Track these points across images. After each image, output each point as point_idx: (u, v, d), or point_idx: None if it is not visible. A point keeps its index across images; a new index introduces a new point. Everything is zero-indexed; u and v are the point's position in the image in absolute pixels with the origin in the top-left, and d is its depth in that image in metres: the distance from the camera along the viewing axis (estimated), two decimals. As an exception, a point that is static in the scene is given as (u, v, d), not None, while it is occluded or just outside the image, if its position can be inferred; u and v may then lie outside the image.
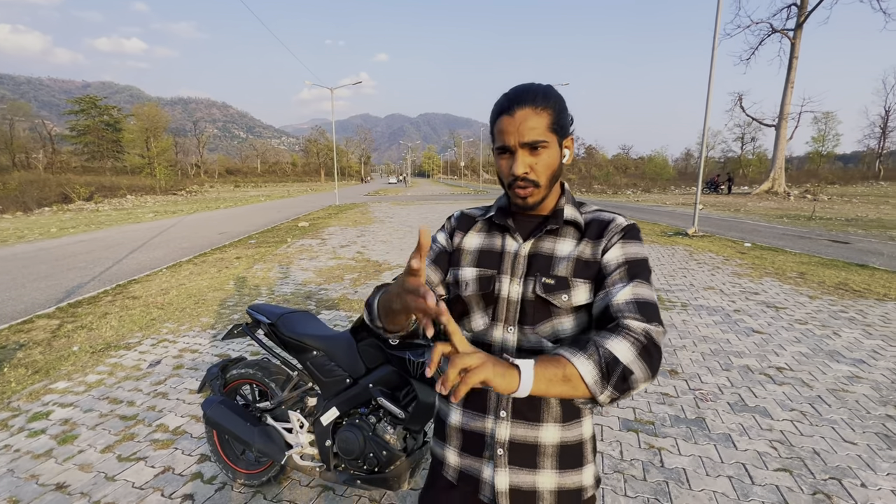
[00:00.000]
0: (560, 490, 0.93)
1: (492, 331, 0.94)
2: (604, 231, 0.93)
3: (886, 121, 50.57)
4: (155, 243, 10.54)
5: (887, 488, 2.15)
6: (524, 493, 0.92)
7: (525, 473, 0.92)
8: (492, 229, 1.02)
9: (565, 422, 0.93)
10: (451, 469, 1.00)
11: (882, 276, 6.49)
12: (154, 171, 49.65)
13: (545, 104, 0.87)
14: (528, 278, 0.93)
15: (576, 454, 0.94)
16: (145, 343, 4.12)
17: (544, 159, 0.88)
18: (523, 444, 0.93)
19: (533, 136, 0.86)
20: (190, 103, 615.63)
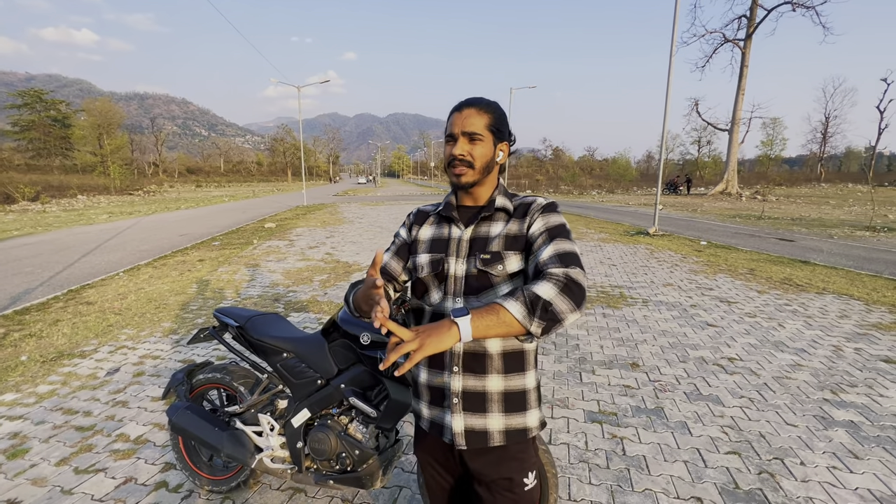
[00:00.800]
0: (507, 430, 1.13)
1: (444, 303, 1.15)
2: (527, 210, 1.15)
3: (826, 127, 54.36)
4: (110, 246, 10.02)
5: (823, 465, 2.35)
6: (477, 433, 1.12)
7: (476, 417, 1.13)
8: (441, 221, 1.24)
9: (507, 373, 1.13)
10: (425, 420, 1.23)
11: (822, 271, 7.00)
12: (108, 169, 46.99)
13: (486, 110, 1.12)
14: (469, 258, 1.14)
15: (519, 400, 1.14)
16: (102, 350, 3.94)
17: (479, 149, 1.12)
18: (473, 393, 1.12)
19: (472, 129, 1.11)
20: (147, 99, 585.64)
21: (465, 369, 1.12)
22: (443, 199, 1.27)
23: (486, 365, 1.12)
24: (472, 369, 1.12)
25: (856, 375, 3.40)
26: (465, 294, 1.13)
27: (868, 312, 4.93)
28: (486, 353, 1.12)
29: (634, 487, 2.19)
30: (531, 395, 1.16)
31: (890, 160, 71.52)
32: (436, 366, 1.17)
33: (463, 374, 1.12)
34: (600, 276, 6.78)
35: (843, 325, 4.51)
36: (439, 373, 1.16)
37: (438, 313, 1.16)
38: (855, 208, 19.16)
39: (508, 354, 1.13)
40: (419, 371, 1.22)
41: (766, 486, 2.20)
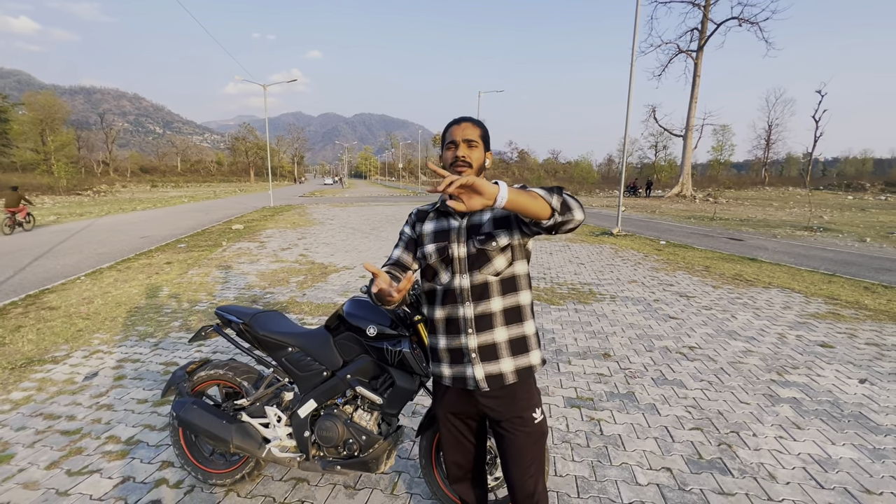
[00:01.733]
0: (517, 369, 1.42)
1: (453, 281, 1.42)
2: None
3: (769, 134, 58.39)
4: (63, 249, 9.50)
5: (771, 436, 2.67)
6: (494, 376, 1.41)
7: (492, 364, 1.41)
8: (440, 216, 1.50)
9: (508, 324, 1.42)
10: (447, 378, 1.48)
11: (767, 268, 7.65)
12: (52, 167, 43.94)
13: (478, 124, 1.44)
14: (468, 241, 1.41)
15: (522, 344, 1.44)
16: (75, 355, 3.82)
17: (475, 153, 1.41)
18: (486, 346, 1.41)
19: (470, 136, 1.40)
20: (94, 93, 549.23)
21: (477, 329, 1.40)
22: (438, 199, 1.50)
23: (492, 321, 1.40)
24: (483, 328, 1.40)
25: (797, 359, 3.81)
26: (469, 270, 1.40)
27: (807, 304, 5.47)
28: (492, 313, 1.40)
29: (612, 462, 2.42)
30: (531, 339, 1.45)
31: (825, 166, 77.56)
32: (453, 332, 1.44)
33: (476, 334, 1.40)
34: (570, 274, 7.12)
35: (787, 316, 5.00)
36: (457, 336, 1.43)
37: (449, 290, 1.43)
38: (795, 210, 20.77)
39: (509, 310, 1.41)
40: (438, 340, 1.49)
41: (724, 455, 2.48)
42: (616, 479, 2.28)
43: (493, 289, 1.40)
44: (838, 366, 3.67)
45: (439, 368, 1.50)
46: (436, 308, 1.48)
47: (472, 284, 1.39)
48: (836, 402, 3.08)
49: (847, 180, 46.04)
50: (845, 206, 23.46)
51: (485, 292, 1.40)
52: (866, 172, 63.16)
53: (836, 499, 2.14)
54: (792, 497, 2.15)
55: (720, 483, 2.25)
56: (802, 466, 2.38)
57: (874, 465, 2.39)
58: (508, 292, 1.42)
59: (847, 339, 4.27)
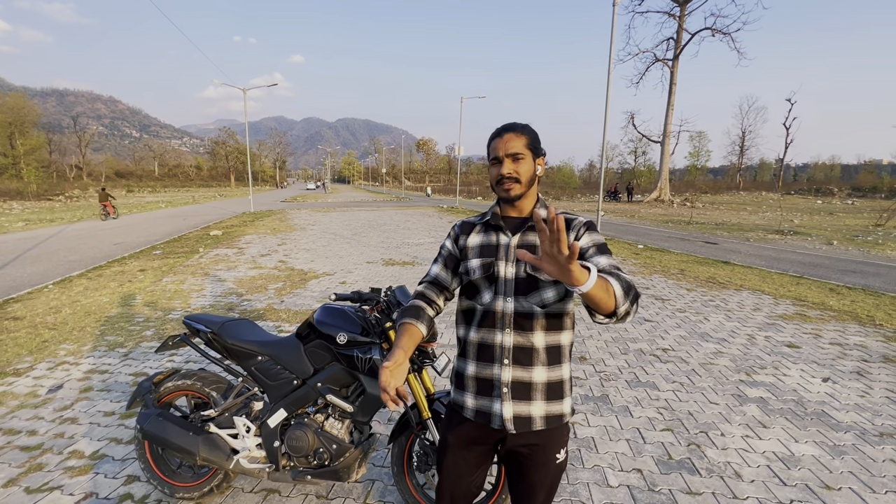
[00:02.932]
0: (548, 416, 1.27)
1: (495, 302, 1.28)
2: (570, 225, 1.28)
3: (743, 140, 60.29)
4: (31, 256, 9.18)
5: (738, 435, 2.75)
6: (523, 419, 1.26)
7: (522, 405, 1.26)
8: (488, 230, 1.36)
9: (549, 365, 1.27)
10: (469, 410, 1.33)
11: (740, 270, 7.88)
12: (21, 172, 42.43)
13: (523, 132, 1.28)
14: (518, 262, 1.27)
15: (558, 389, 1.29)
16: (39, 367, 3.69)
17: (522, 166, 1.27)
18: (520, 383, 1.26)
19: (514, 150, 1.26)
20: (67, 96, 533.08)
21: (514, 362, 1.26)
22: (487, 211, 1.39)
23: (532, 357, 1.26)
24: (521, 362, 1.26)
25: (765, 359, 3.93)
26: (515, 294, 1.26)
27: (776, 305, 5.65)
28: (533, 348, 1.25)
29: (585, 465, 2.45)
30: (566, 385, 1.31)
31: (796, 171, 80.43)
32: (486, 359, 1.29)
33: (513, 366, 1.26)
34: (550, 278, 7.19)
35: (756, 317, 5.15)
36: (489, 365, 1.28)
37: (489, 311, 1.28)
38: (767, 214, 21.46)
39: (551, 348, 1.27)
40: (466, 365, 1.34)
41: (693, 455, 2.54)
42: (588, 481, 2.31)
43: (537, 322, 1.25)
44: (803, 365, 3.80)
45: (462, 398, 1.35)
46: (471, 330, 1.33)
47: (517, 311, 1.25)
48: (800, 400, 3.19)
49: (816, 185, 47.82)
50: (815, 210, 24.34)
51: (528, 323, 1.25)
52: (834, 178, 65.72)
53: (797, 495, 2.21)
54: (756, 495, 2.21)
55: (688, 483, 2.30)
56: (767, 464, 2.45)
57: (834, 462, 2.48)
58: (553, 329, 1.27)
59: (812, 340, 4.43)
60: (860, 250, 10.56)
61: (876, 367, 3.78)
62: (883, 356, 4.01)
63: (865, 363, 3.85)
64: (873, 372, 3.67)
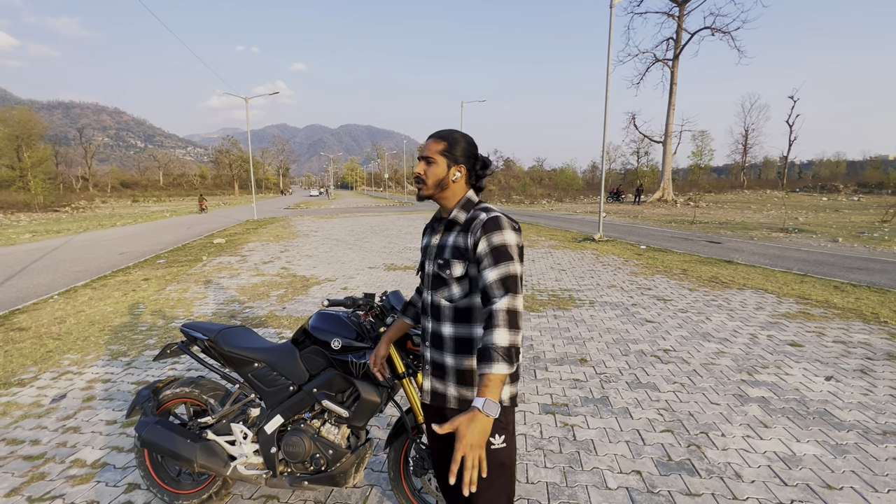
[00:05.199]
0: (460, 398, 1.39)
1: (425, 294, 1.48)
2: (470, 226, 1.33)
3: (746, 139, 60.02)
4: (38, 268, 9.28)
5: (739, 435, 2.73)
6: (439, 394, 1.43)
7: (439, 382, 1.42)
8: (428, 231, 1.53)
9: (457, 353, 1.37)
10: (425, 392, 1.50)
11: (743, 270, 7.83)
12: (29, 184, 42.93)
13: (440, 139, 1.40)
14: (435, 260, 1.40)
15: (469, 378, 1.37)
16: (43, 377, 3.73)
17: (433, 169, 1.39)
18: (437, 364, 1.42)
19: (426, 153, 1.40)
20: (73, 108, 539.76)
21: (432, 345, 1.43)
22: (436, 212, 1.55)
23: (443, 344, 1.40)
24: (436, 346, 1.41)
25: (767, 358, 3.91)
26: (431, 289, 1.42)
27: (779, 304, 5.61)
28: (443, 336, 1.39)
29: (584, 467, 2.44)
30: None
31: (801, 168, 79.90)
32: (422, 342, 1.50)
33: (431, 349, 1.43)
34: (551, 280, 7.19)
35: (759, 316, 5.12)
36: (423, 347, 1.48)
37: (424, 302, 1.48)
38: (772, 212, 21.32)
39: (460, 339, 1.37)
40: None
41: (693, 456, 2.53)
42: (587, 484, 2.31)
43: (445, 313, 1.38)
44: (806, 364, 3.77)
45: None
46: None
47: (432, 303, 1.41)
48: (802, 399, 3.16)
49: (821, 182, 47.48)
50: (820, 207, 24.16)
51: (438, 314, 1.40)
52: (840, 174, 65.24)
53: (798, 495, 2.19)
54: (756, 495, 2.20)
55: (688, 484, 2.29)
56: (768, 465, 2.43)
57: (836, 461, 2.45)
58: (462, 321, 1.36)
59: (816, 338, 4.39)
60: (866, 247, 10.46)
61: (880, 364, 3.74)
62: (887, 354, 3.97)
63: (869, 361, 3.81)
64: (877, 370, 3.63)
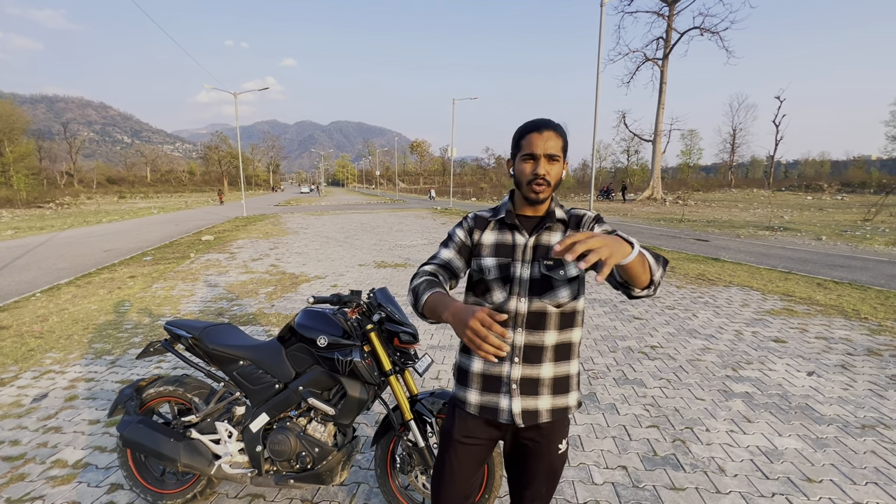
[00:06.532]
0: (553, 409, 1.30)
1: (509, 302, 1.28)
2: (580, 222, 1.33)
3: (734, 138, 60.81)
4: (20, 265, 9.09)
5: (723, 430, 2.77)
6: (530, 412, 1.29)
7: (530, 399, 1.28)
8: (503, 228, 1.35)
9: (557, 361, 1.30)
10: (473, 406, 1.33)
11: (729, 267, 7.94)
12: (11, 179, 41.99)
13: (562, 134, 1.25)
14: (533, 262, 1.28)
15: (564, 384, 1.31)
16: (24, 377, 3.65)
17: (556, 169, 1.25)
18: (529, 380, 1.28)
19: (553, 151, 1.22)
20: (57, 102, 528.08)
21: (524, 360, 1.27)
22: (499, 207, 1.38)
23: (542, 355, 1.28)
24: (531, 360, 1.28)
25: (751, 354, 3.97)
26: (530, 294, 1.27)
27: (764, 301, 5.70)
28: (544, 346, 1.28)
29: (571, 463, 2.46)
30: (573, 379, 1.33)
31: (787, 168, 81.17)
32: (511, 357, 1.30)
33: (522, 364, 1.28)
34: (541, 278, 7.22)
35: (744, 313, 5.20)
36: (499, 363, 1.30)
37: (502, 310, 1.28)
38: (758, 210, 21.64)
39: (560, 346, 1.29)
40: (472, 361, 1.34)
41: (678, 451, 2.56)
42: (573, 479, 2.32)
43: (550, 320, 1.27)
44: (789, 360, 3.84)
45: (465, 393, 1.35)
46: None
47: (530, 311, 1.26)
48: (784, 394, 3.22)
49: (806, 181, 48.30)
50: (805, 206, 24.57)
51: (540, 322, 1.27)
52: (824, 174, 66.39)
53: (779, 488, 2.23)
54: (739, 489, 2.23)
55: (672, 479, 2.32)
56: (750, 459, 2.48)
57: (816, 455, 2.50)
58: (565, 327, 1.29)
59: (798, 334, 4.47)
60: (848, 245, 10.67)
61: (860, 360, 3.82)
62: (867, 349, 4.05)
63: (850, 356, 3.89)
64: (857, 365, 3.71)
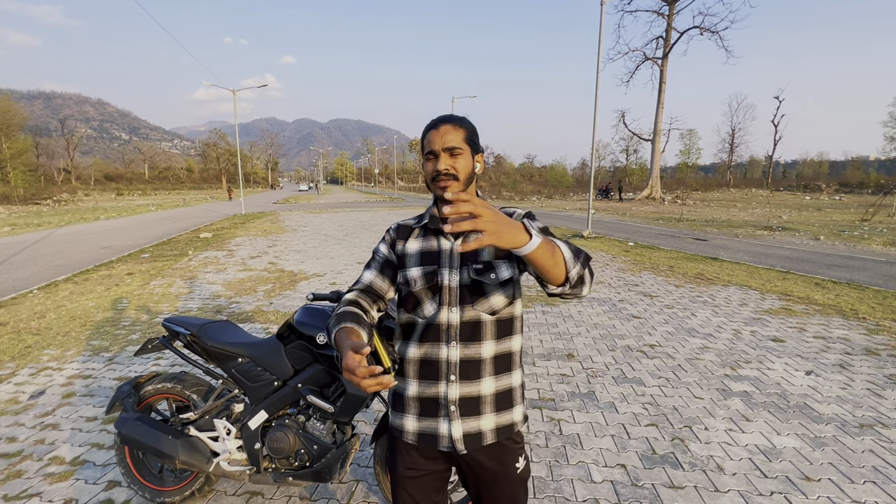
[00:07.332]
0: (498, 427, 1.18)
1: (439, 314, 1.16)
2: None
3: (733, 138, 60.86)
4: (17, 261, 9.05)
5: (721, 429, 2.77)
6: (473, 435, 1.16)
7: (472, 420, 1.16)
8: (427, 234, 1.24)
9: (498, 374, 1.18)
10: (410, 434, 1.20)
11: (728, 266, 7.95)
12: (8, 176, 41.82)
13: (461, 124, 1.17)
14: (461, 269, 1.16)
15: (507, 399, 1.20)
16: (21, 373, 3.64)
17: (461, 162, 1.15)
18: (469, 398, 1.16)
19: (452, 143, 1.14)
20: (54, 98, 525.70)
21: (461, 377, 1.15)
22: (425, 212, 1.28)
23: (480, 370, 1.16)
24: (468, 376, 1.15)
25: (750, 353, 3.97)
26: (461, 303, 1.15)
27: (762, 300, 5.71)
28: (481, 359, 1.16)
29: (570, 461, 2.46)
30: (517, 392, 1.22)
31: (785, 168, 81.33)
32: (430, 377, 1.17)
33: (460, 382, 1.15)
34: (540, 276, 7.22)
35: (743, 312, 5.21)
36: (434, 383, 1.17)
37: (433, 324, 1.17)
38: (757, 210, 21.68)
39: (500, 357, 1.18)
40: (407, 385, 1.21)
41: (677, 449, 2.56)
42: (572, 477, 2.32)
43: (486, 330, 1.16)
44: (787, 359, 3.84)
45: (401, 420, 1.22)
46: (410, 345, 1.21)
47: (462, 321, 1.15)
48: (783, 393, 3.22)
49: (805, 182, 48.41)
50: (803, 206, 24.62)
51: (476, 333, 1.15)
52: (822, 174, 66.53)
53: (777, 486, 2.24)
54: (737, 487, 2.24)
55: (671, 477, 2.32)
56: (749, 457, 2.48)
57: (814, 453, 2.51)
58: (503, 336, 1.19)
59: (797, 334, 4.48)
60: (846, 245, 10.70)
61: (858, 359, 3.83)
62: (865, 349, 4.06)
63: (848, 356, 3.90)
64: (855, 364, 3.72)
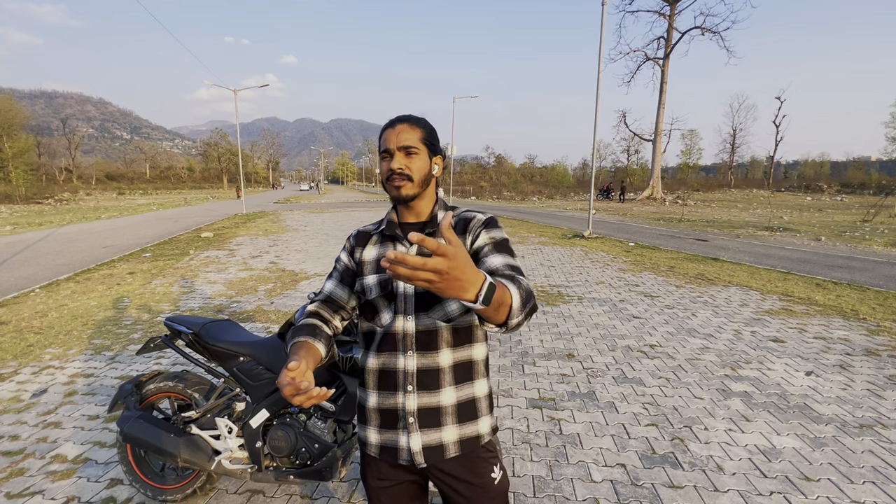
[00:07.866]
0: (461, 440, 1.13)
1: (395, 322, 1.13)
2: (468, 226, 1.16)
3: (734, 138, 60.81)
4: (19, 260, 9.07)
5: (721, 429, 2.78)
6: (433, 448, 1.12)
7: (432, 432, 1.12)
8: (384, 240, 1.20)
9: (458, 384, 1.14)
10: (373, 447, 1.17)
11: (728, 267, 7.95)
12: (9, 175, 41.91)
13: (418, 124, 1.15)
14: None
15: (471, 410, 1.15)
16: (23, 372, 3.65)
17: (416, 162, 1.12)
18: (428, 409, 1.12)
19: (407, 143, 1.11)
20: (56, 98, 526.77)
21: (419, 387, 1.12)
22: (384, 218, 1.25)
23: (439, 380, 1.12)
24: (427, 386, 1.12)
25: (750, 353, 3.98)
26: (416, 311, 1.12)
27: (763, 301, 5.71)
28: (439, 368, 1.12)
29: (570, 461, 2.47)
30: (482, 403, 1.17)
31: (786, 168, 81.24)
32: (388, 387, 1.14)
33: (417, 393, 1.11)
34: (540, 276, 7.23)
35: (743, 312, 5.21)
36: (392, 394, 1.13)
37: (389, 334, 1.13)
38: (758, 211, 21.66)
39: (459, 366, 1.14)
40: (368, 396, 1.18)
41: (676, 449, 2.57)
42: (572, 477, 2.33)
43: (442, 338, 1.12)
44: (788, 359, 3.85)
45: (365, 432, 1.19)
46: (370, 355, 1.17)
47: (418, 329, 1.11)
48: (783, 394, 3.23)
49: (806, 182, 48.37)
50: (804, 206, 24.60)
51: (432, 342, 1.12)
52: (824, 175, 66.45)
53: (777, 486, 2.24)
54: (737, 487, 2.24)
55: (671, 476, 2.33)
56: (748, 457, 2.48)
57: (814, 454, 2.51)
58: (461, 344, 1.14)
59: (797, 334, 4.48)
60: (847, 246, 10.69)
61: (858, 360, 3.83)
62: (865, 349, 4.06)
63: (848, 356, 3.90)
64: (855, 365, 3.72)
